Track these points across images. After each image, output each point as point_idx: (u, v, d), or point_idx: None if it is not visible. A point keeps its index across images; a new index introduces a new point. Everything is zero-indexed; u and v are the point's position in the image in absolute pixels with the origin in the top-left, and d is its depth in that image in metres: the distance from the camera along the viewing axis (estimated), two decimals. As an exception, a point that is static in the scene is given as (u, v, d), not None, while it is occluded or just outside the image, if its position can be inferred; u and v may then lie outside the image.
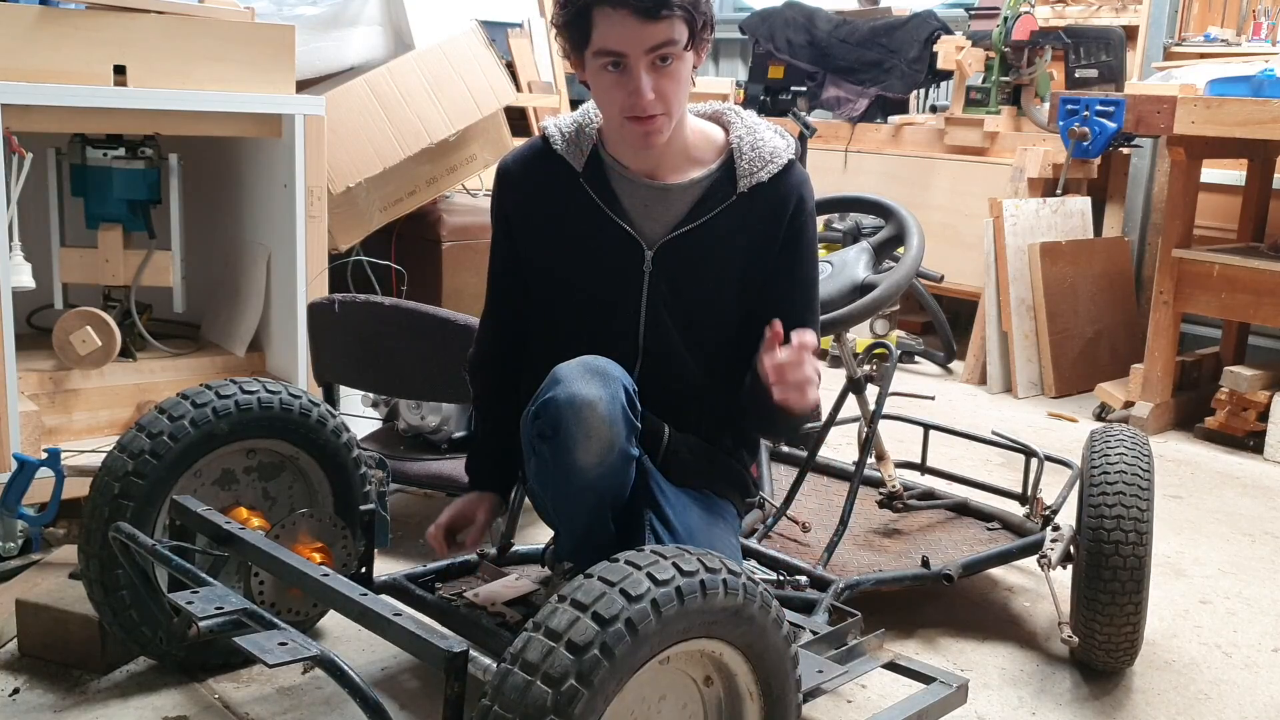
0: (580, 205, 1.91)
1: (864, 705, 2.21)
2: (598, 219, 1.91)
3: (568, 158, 1.92)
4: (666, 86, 1.77)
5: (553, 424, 1.73)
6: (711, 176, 1.91)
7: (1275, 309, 3.94)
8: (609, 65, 1.76)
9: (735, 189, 1.90)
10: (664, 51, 1.74)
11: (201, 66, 2.83)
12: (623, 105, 1.78)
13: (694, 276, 1.91)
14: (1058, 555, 2.40)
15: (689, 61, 1.80)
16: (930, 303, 4.92)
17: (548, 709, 1.29)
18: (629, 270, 1.91)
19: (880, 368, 2.59)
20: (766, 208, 1.91)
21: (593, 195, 1.91)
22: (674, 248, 1.90)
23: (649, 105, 1.76)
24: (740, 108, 2.01)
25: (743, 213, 1.90)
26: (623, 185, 1.92)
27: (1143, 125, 3.94)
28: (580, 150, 1.92)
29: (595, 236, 1.91)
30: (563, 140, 1.94)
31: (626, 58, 1.74)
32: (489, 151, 3.67)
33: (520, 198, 1.97)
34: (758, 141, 1.92)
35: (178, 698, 2.11)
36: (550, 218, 1.94)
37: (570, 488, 1.78)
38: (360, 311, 2.58)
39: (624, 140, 1.86)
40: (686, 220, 1.90)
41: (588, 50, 1.77)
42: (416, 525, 2.94)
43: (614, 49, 1.74)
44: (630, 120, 1.79)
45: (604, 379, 1.73)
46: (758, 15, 6.09)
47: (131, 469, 2.00)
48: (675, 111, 1.81)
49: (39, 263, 2.78)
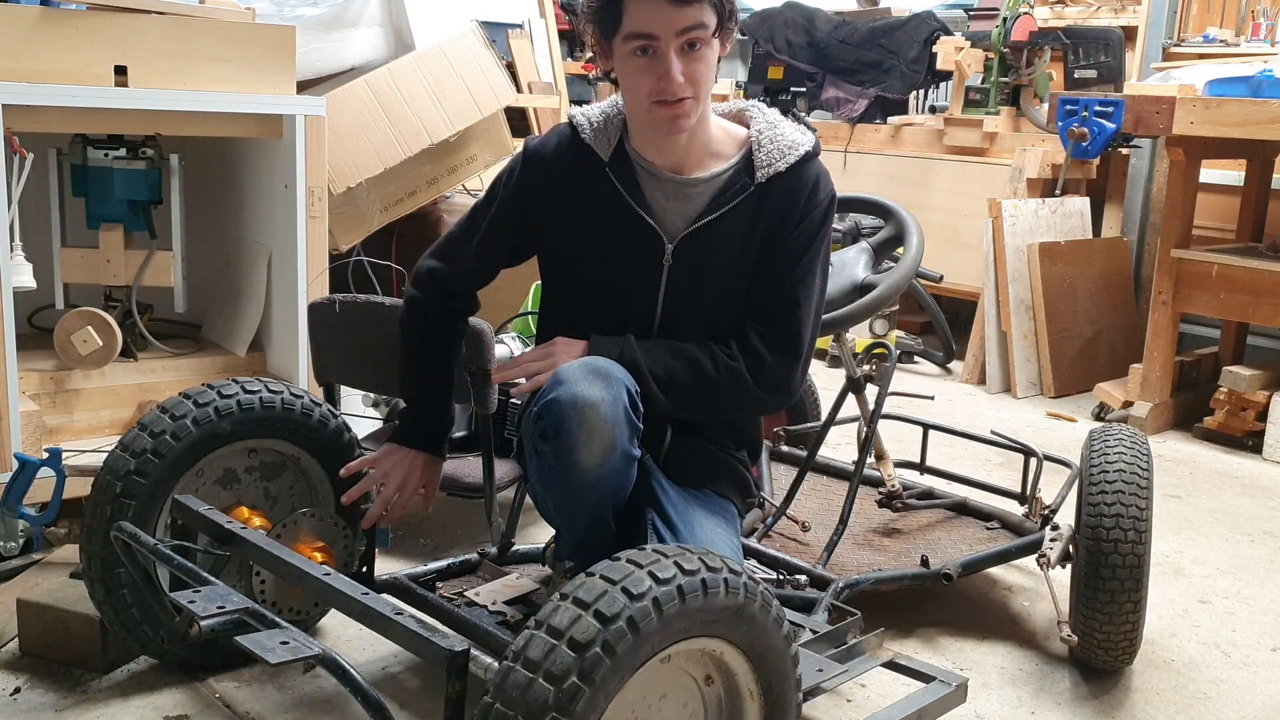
0: (604, 195, 1.93)
1: (863, 704, 2.21)
2: (621, 210, 1.92)
3: (595, 147, 1.94)
4: (695, 70, 1.80)
5: (555, 424, 1.73)
6: (731, 169, 1.93)
7: (1274, 309, 3.94)
8: (639, 50, 1.79)
9: (753, 180, 1.91)
10: (693, 36, 1.78)
11: (202, 67, 2.83)
12: (651, 89, 1.80)
13: (712, 268, 1.93)
14: (1057, 555, 2.41)
15: (715, 50, 1.83)
16: (929, 303, 4.91)
17: (549, 706, 1.30)
18: (649, 263, 1.93)
19: (879, 368, 2.60)
20: (783, 196, 1.92)
21: (618, 185, 1.92)
22: (693, 240, 1.92)
23: (678, 88, 1.79)
24: (764, 105, 2.03)
25: (760, 202, 1.92)
26: (647, 179, 1.93)
27: (1142, 126, 3.95)
28: (608, 140, 1.94)
29: (617, 227, 1.93)
30: (591, 130, 1.95)
31: (657, 41, 1.77)
32: (489, 152, 3.67)
33: (545, 180, 1.97)
34: (777, 135, 1.94)
35: (179, 697, 2.11)
36: (574, 204, 1.95)
37: (572, 488, 1.78)
38: (361, 311, 2.58)
39: (651, 125, 1.87)
40: (706, 212, 1.92)
41: (618, 36, 1.80)
42: (417, 525, 2.95)
43: (645, 31, 1.77)
44: (658, 105, 1.81)
45: (606, 380, 1.74)
46: (757, 16, 6.10)
47: (133, 468, 2.01)
48: (702, 97, 1.84)
49: (40, 263, 2.78)
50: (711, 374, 1.88)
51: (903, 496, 2.72)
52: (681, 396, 1.88)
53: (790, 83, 5.96)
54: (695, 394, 1.89)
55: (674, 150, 1.92)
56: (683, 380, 1.87)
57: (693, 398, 1.89)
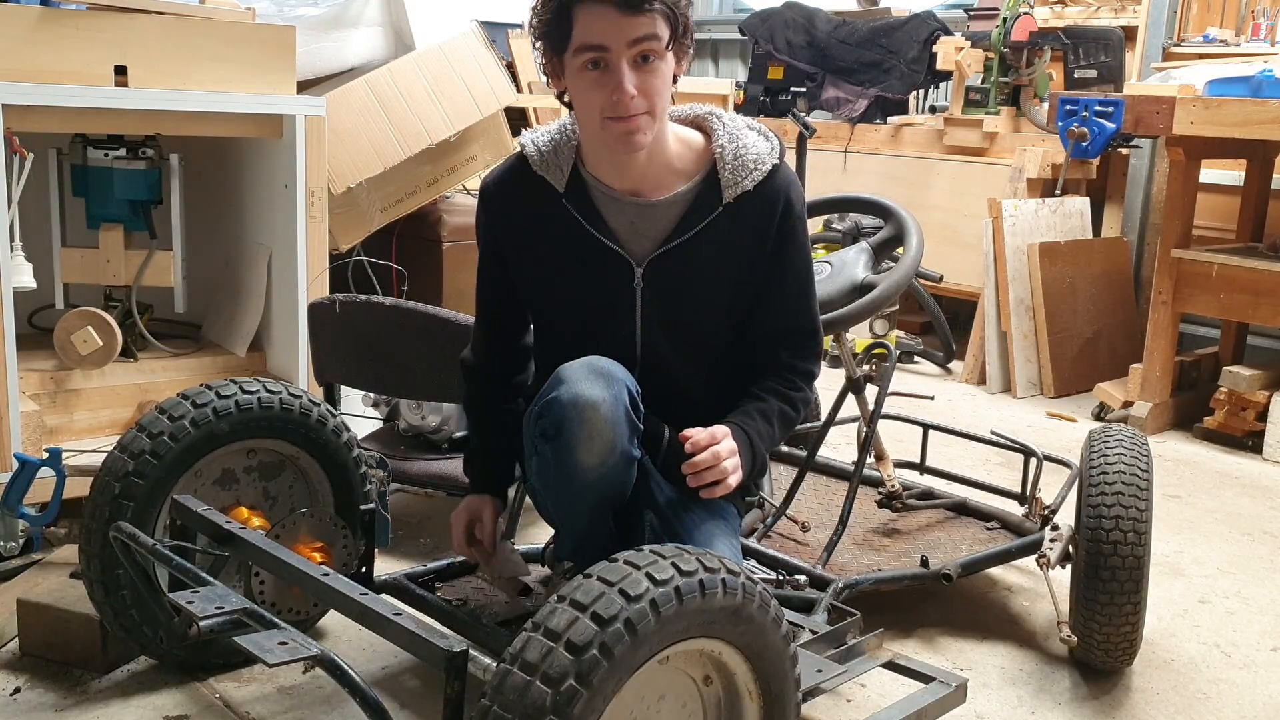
0: (565, 226, 1.89)
1: (863, 704, 2.21)
2: (584, 240, 1.88)
3: (548, 177, 1.89)
4: (649, 84, 1.74)
5: (556, 424, 1.73)
6: (696, 188, 1.89)
7: (1274, 309, 3.94)
8: (590, 64, 1.73)
9: (721, 199, 1.87)
10: (645, 48, 1.72)
11: (202, 67, 2.83)
12: (604, 105, 1.75)
13: (685, 289, 1.90)
14: (1056, 555, 2.41)
15: (670, 64, 1.78)
16: (929, 303, 4.92)
17: (547, 709, 1.30)
18: (620, 288, 1.90)
19: (879, 368, 2.60)
20: (754, 214, 1.88)
21: (576, 215, 1.88)
22: (663, 263, 1.88)
23: (631, 103, 1.73)
24: (720, 109, 1.98)
25: (730, 222, 1.88)
26: (607, 204, 1.89)
27: (1141, 126, 3.94)
28: (560, 169, 1.89)
29: (583, 257, 1.89)
30: (540, 159, 1.90)
31: (608, 52, 1.72)
32: (489, 152, 3.68)
33: (504, 219, 1.94)
34: (740, 149, 1.88)
35: (178, 697, 2.11)
36: (536, 239, 1.92)
37: (572, 487, 1.78)
38: (361, 311, 2.59)
39: (605, 144, 1.82)
40: (674, 235, 1.88)
41: (568, 51, 1.75)
42: (417, 525, 2.95)
43: (596, 42, 1.72)
44: (611, 121, 1.76)
45: (607, 380, 1.73)
46: (757, 16, 6.10)
47: (132, 469, 2.01)
48: (657, 112, 1.78)
49: (40, 263, 2.78)
50: (794, 417, 1.99)
51: (902, 496, 2.72)
52: (776, 444, 2.00)
53: (790, 83, 5.96)
54: (784, 437, 2.01)
55: (632, 171, 1.86)
56: (779, 435, 1.98)
57: (781, 439, 2.02)
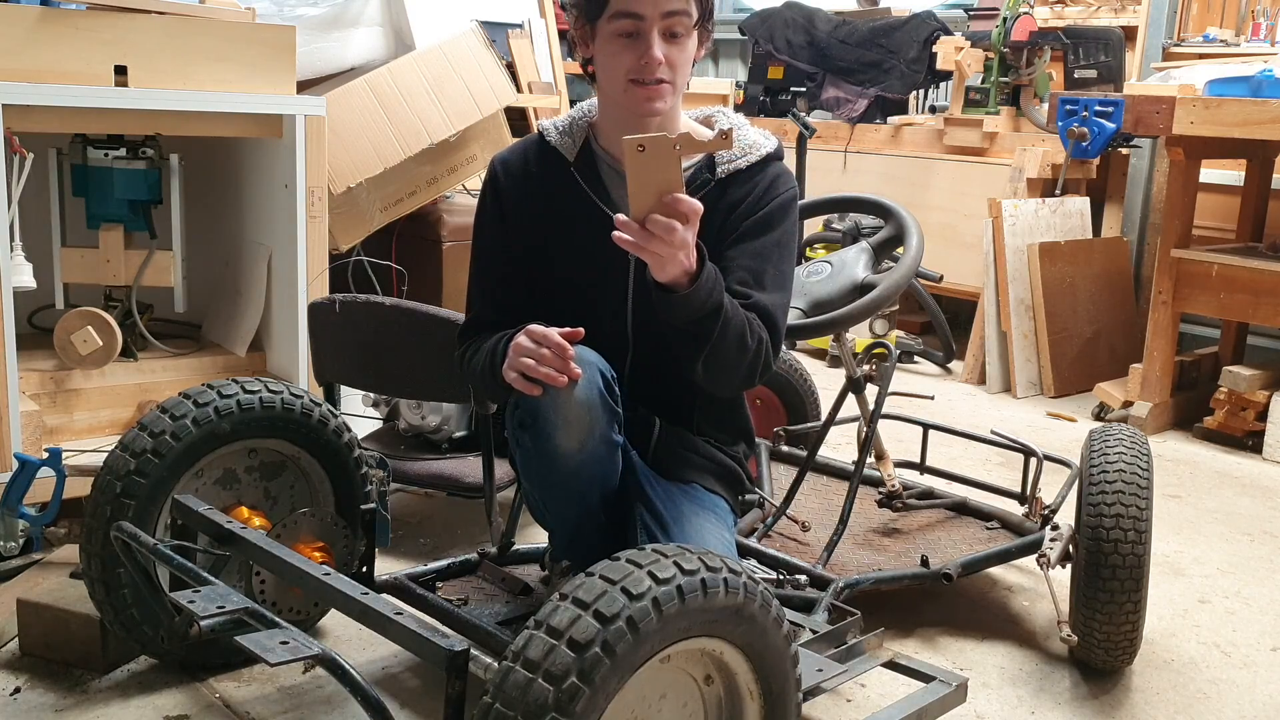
0: (571, 195, 1.96)
1: (863, 704, 2.21)
2: (586, 208, 1.95)
3: (560, 148, 1.98)
4: (675, 56, 1.84)
5: (530, 411, 1.77)
6: (694, 166, 1.96)
7: (1274, 309, 3.94)
8: (623, 32, 1.82)
9: (714, 176, 1.95)
10: (676, 22, 1.82)
11: (202, 67, 2.83)
12: (630, 67, 1.83)
13: None
14: (1057, 554, 2.41)
15: (694, 44, 1.88)
16: (929, 303, 4.92)
17: (549, 707, 1.30)
18: (616, 260, 1.92)
19: (879, 367, 2.60)
20: (741, 192, 1.95)
21: (581, 182, 1.96)
22: None
23: (658, 68, 1.82)
24: (731, 111, 2.08)
25: (719, 197, 1.94)
26: (612, 177, 1.96)
27: (1141, 125, 3.95)
28: (573, 141, 1.99)
29: (583, 225, 1.95)
30: (556, 133, 2.00)
31: (643, 21, 1.81)
32: (489, 152, 3.67)
33: (514, 189, 2.01)
34: (739, 135, 1.97)
35: (179, 697, 2.11)
36: (543, 208, 1.98)
37: (554, 476, 1.80)
38: (361, 311, 2.59)
39: (626, 107, 1.89)
40: None
41: (602, 17, 1.84)
42: (417, 525, 2.95)
43: (633, 10, 1.81)
44: (635, 84, 1.84)
45: (578, 365, 1.75)
46: (757, 16, 6.10)
47: (133, 468, 2.01)
48: (678, 85, 1.87)
49: (40, 263, 2.78)
50: (750, 342, 1.81)
51: (903, 496, 2.72)
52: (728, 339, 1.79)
53: (790, 83, 5.96)
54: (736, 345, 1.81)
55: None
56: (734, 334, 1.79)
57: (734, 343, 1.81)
